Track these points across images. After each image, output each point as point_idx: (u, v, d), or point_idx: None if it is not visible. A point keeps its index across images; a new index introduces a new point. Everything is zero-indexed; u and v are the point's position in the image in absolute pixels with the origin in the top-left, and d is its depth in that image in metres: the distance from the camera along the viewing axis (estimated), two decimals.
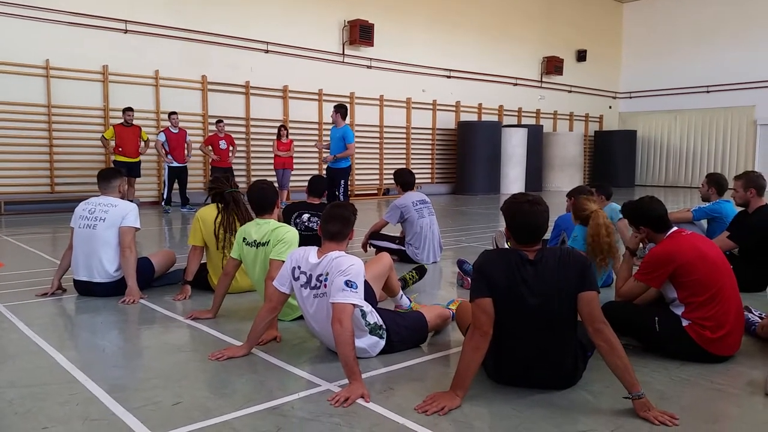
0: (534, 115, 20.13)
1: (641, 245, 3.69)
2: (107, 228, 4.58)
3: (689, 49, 20.83)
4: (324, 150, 10.00)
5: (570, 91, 21.19)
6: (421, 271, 5.07)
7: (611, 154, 21.26)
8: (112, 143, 10.87)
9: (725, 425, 2.62)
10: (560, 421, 2.53)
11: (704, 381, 2.99)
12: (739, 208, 5.17)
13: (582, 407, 2.68)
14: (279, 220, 4.12)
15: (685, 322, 3.20)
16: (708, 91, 20.70)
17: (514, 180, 17.60)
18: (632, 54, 22.63)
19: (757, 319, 3.69)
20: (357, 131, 15.54)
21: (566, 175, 19.40)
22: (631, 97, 22.88)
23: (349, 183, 9.46)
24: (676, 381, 2.99)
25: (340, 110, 9.30)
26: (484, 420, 2.57)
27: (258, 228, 3.93)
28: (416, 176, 6.97)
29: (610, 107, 22.93)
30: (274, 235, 3.81)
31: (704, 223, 5.88)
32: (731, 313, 3.19)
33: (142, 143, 11.11)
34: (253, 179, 13.88)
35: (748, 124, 20.05)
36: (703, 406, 2.75)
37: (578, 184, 10.13)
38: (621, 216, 5.04)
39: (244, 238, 3.96)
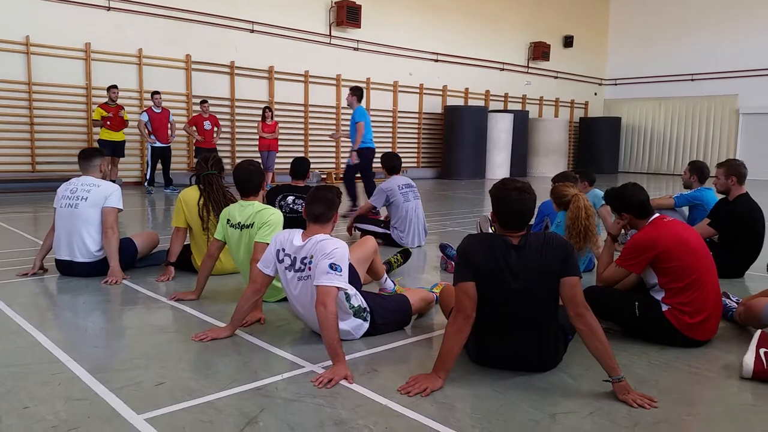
0: (520, 100, 20.15)
1: (623, 231, 3.72)
2: (89, 207, 4.54)
3: (674, 37, 20.93)
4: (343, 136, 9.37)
5: (556, 77, 21.23)
6: (405, 254, 5.09)
7: (596, 141, 21.40)
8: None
9: (702, 408, 2.68)
10: (540, 403, 2.56)
11: (682, 365, 3.05)
12: (720, 196, 5.23)
13: (562, 389, 2.72)
14: (263, 202, 4.11)
15: (664, 307, 3.25)
16: (692, 80, 20.84)
17: (499, 165, 17.65)
18: (618, 41, 22.69)
19: (735, 304, 3.75)
20: (343, 114, 15.52)
21: (551, 161, 19.49)
22: (616, 84, 22.98)
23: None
24: (655, 365, 3.04)
25: (357, 93, 8.76)
26: (465, 401, 2.61)
27: (242, 210, 3.91)
28: (402, 160, 6.96)
29: (595, 94, 23.01)
30: (259, 217, 3.80)
31: (686, 210, 5.95)
32: (710, 298, 3.25)
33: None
34: (238, 160, 13.78)
35: (731, 112, 20.24)
36: (680, 389, 2.81)
37: (563, 170, 10.19)
38: (604, 202, 5.10)
39: (228, 220, 3.94)
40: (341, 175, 15.31)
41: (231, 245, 3.97)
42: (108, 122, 10.70)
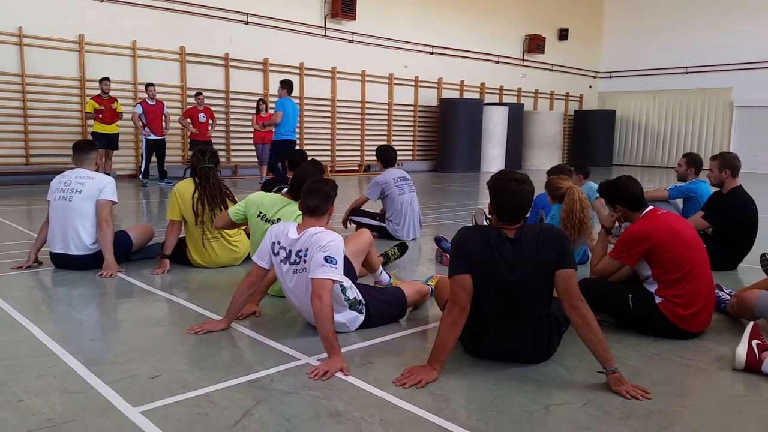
0: (515, 93, 20.13)
1: (617, 224, 3.74)
2: (84, 200, 4.53)
3: (669, 30, 20.93)
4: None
5: (551, 70, 21.21)
6: (402, 247, 5.09)
7: (590, 134, 21.42)
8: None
9: (694, 399, 2.70)
10: (534, 395, 2.58)
11: (675, 356, 3.07)
12: (714, 189, 5.25)
13: (556, 381, 2.73)
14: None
15: (658, 300, 3.27)
16: (687, 73, 20.86)
17: (494, 158, 17.65)
18: (613, 34, 22.68)
19: (728, 297, 3.78)
20: (338, 106, 15.50)
21: (545, 153, 19.51)
22: (611, 77, 22.98)
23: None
24: (648, 356, 3.06)
25: (286, 86, 9.51)
26: (460, 393, 2.62)
27: (280, 204, 3.92)
28: (397, 153, 6.96)
29: (590, 87, 23.02)
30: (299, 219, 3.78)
31: (680, 202, 5.97)
32: (703, 291, 3.27)
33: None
34: (233, 153, 13.76)
35: (724, 105, 20.28)
36: (673, 381, 2.83)
37: (557, 163, 10.18)
38: (598, 195, 5.11)
39: (260, 212, 3.94)
40: (337, 168, 15.37)
41: (257, 234, 3.95)
42: (100, 115, 10.65)
